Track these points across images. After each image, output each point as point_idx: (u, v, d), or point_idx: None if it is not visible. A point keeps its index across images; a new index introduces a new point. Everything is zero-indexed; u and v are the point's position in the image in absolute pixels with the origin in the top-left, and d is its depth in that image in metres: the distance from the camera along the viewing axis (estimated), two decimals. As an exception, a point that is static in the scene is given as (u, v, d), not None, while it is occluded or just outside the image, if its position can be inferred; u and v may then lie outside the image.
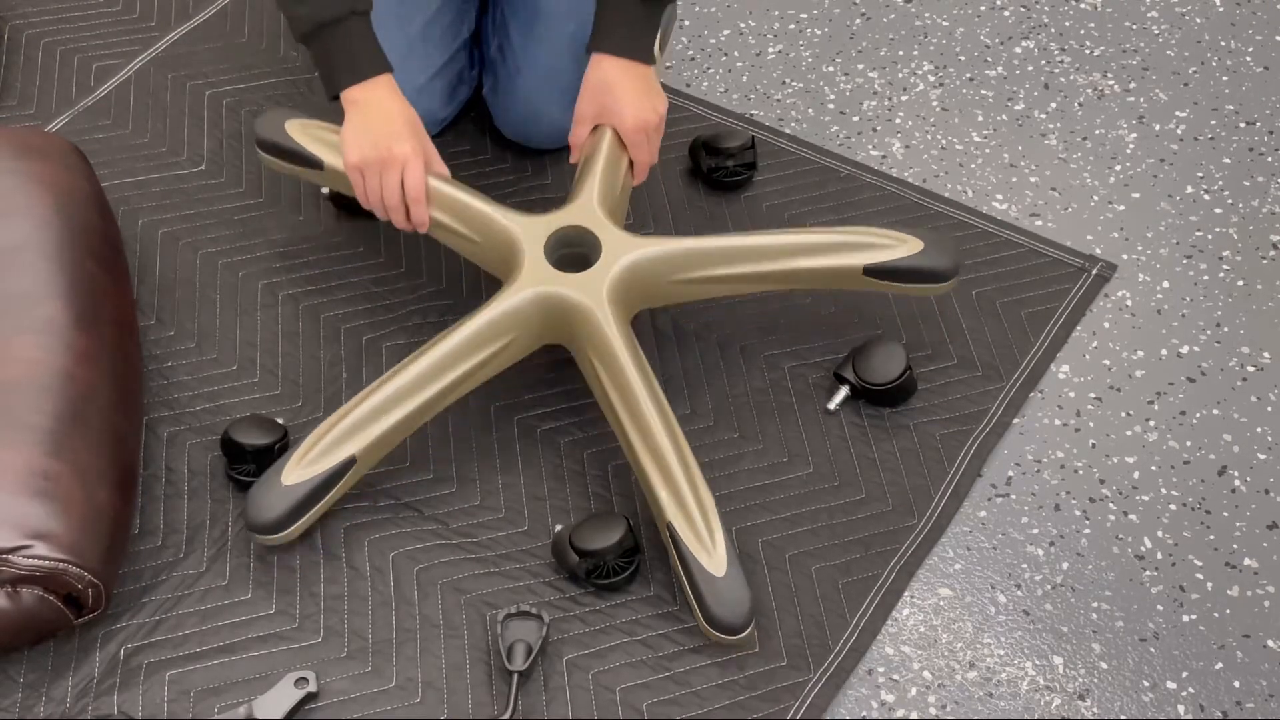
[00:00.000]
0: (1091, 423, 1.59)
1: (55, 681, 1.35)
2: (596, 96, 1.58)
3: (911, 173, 1.85)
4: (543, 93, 1.75)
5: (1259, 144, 1.89)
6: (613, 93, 1.57)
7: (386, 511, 1.48)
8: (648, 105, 1.58)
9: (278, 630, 1.39)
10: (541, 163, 1.83)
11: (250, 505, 1.38)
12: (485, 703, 1.34)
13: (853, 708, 1.36)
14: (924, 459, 1.54)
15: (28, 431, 1.35)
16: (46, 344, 1.42)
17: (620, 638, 1.39)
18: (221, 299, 1.67)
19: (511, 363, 1.49)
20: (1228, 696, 1.37)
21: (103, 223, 1.60)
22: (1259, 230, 1.79)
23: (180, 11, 2.03)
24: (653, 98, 1.59)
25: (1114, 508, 1.52)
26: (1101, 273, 1.72)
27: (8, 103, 1.90)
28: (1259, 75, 1.99)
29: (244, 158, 1.83)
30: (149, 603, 1.41)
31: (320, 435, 1.39)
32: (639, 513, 1.48)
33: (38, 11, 2.02)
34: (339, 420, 1.40)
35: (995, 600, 1.44)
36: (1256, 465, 1.55)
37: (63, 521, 1.31)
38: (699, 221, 1.77)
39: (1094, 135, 1.90)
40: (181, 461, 1.52)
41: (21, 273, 1.47)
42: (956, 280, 1.63)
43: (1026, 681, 1.38)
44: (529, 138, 1.81)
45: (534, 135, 1.80)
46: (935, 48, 2.03)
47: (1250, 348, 1.66)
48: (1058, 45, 2.03)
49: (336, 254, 1.72)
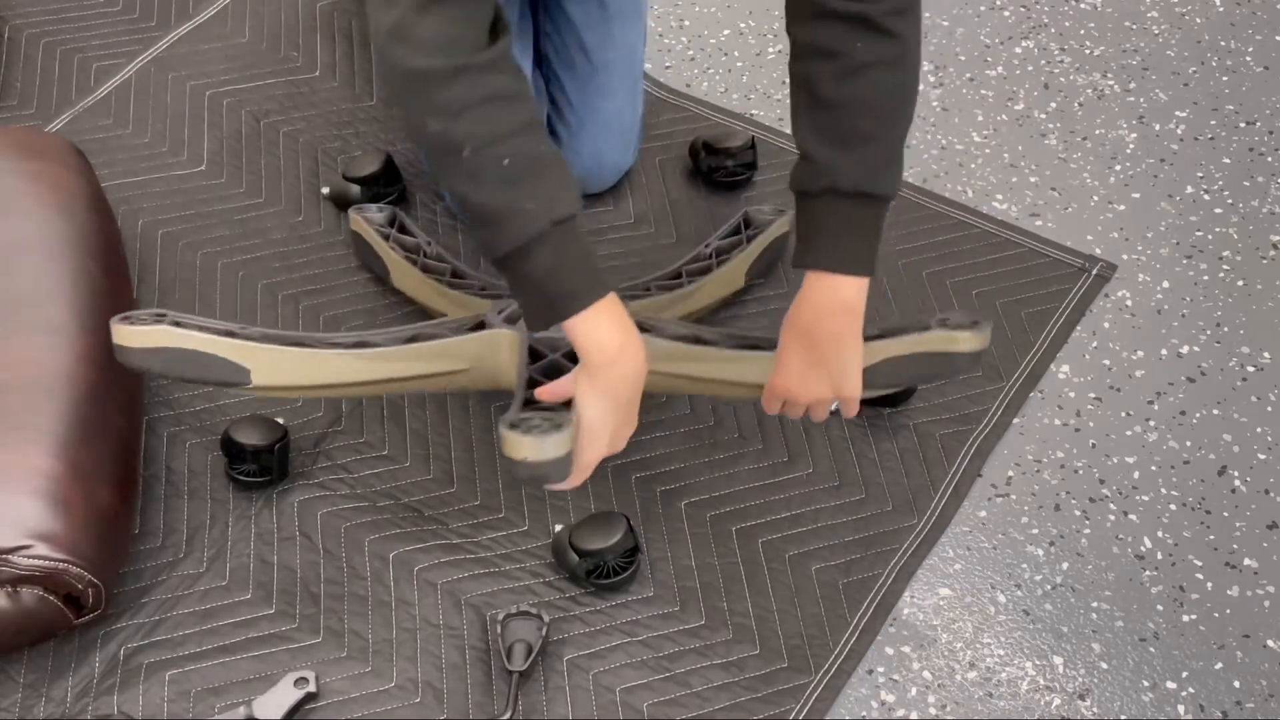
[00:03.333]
0: (1091, 423, 1.59)
1: (55, 681, 1.35)
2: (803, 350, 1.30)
3: (912, 173, 1.85)
4: (607, 140, 1.73)
5: (1259, 144, 1.89)
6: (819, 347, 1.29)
7: (386, 512, 1.48)
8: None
9: (277, 630, 1.39)
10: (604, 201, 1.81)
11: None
12: (485, 703, 1.34)
13: (852, 708, 1.36)
14: (924, 459, 1.54)
15: (28, 432, 1.35)
16: (47, 344, 1.42)
17: (620, 638, 1.39)
18: (221, 299, 1.67)
19: (460, 390, 1.41)
20: (1228, 696, 1.37)
21: (103, 223, 1.60)
22: (1259, 230, 1.79)
23: (180, 11, 2.03)
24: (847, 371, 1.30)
25: (1114, 508, 1.51)
26: (1101, 273, 1.72)
27: (8, 103, 1.90)
28: (1259, 75, 1.99)
29: (244, 158, 1.83)
30: (149, 603, 1.41)
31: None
32: (639, 513, 1.48)
33: (38, 11, 2.02)
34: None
35: (995, 600, 1.44)
36: (1256, 465, 1.55)
37: (63, 522, 1.31)
38: (699, 222, 1.77)
39: (1094, 135, 1.90)
40: (181, 461, 1.52)
41: (22, 273, 1.47)
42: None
43: (1026, 681, 1.38)
44: (588, 186, 1.77)
45: (594, 183, 1.77)
46: (935, 48, 2.03)
47: (1250, 348, 1.66)
48: (1058, 45, 2.03)
49: (336, 254, 1.72)
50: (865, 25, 1.21)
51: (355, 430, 1.55)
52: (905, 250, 1.74)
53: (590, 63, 1.70)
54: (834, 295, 1.26)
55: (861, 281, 1.26)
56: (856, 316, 1.26)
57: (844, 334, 1.27)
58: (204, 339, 1.34)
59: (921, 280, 1.71)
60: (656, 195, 1.80)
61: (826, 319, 1.27)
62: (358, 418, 1.56)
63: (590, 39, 1.69)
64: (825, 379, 1.28)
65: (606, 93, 1.72)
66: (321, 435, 1.54)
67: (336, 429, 1.55)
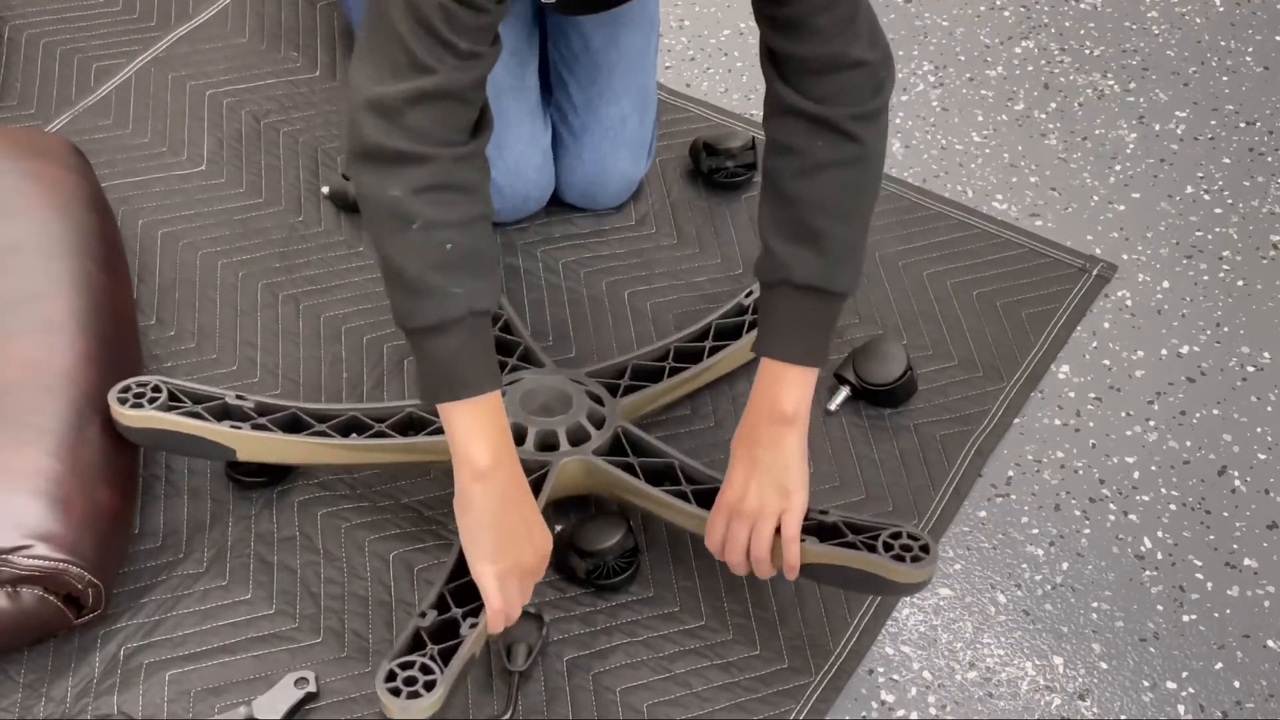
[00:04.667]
0: (1091, 423, 1.59)
1: (55, 681, 1.35)
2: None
3: (911, 173, 1.85)
4: (612, 148, 1.71)
5: (1259, 144, 1.89)
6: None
7: (386, 512, 1.48)
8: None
9: (277, 630, 1.39)
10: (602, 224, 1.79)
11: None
12: (485, 702, 1.34)
13: (852, 708, 1.36)
14: (924, 459, 1.54)
15: (28, 432, 1.35)
16: (47, 344, 1.42)
17: (621, 638, 1.39)
18: (221, 299, 1.67)
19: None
20: (1228, 696, 1.37)
21: (103, 223, 1.60)
22: (1259, 230, 1.79)
23: (180, 11, 2.03)
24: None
25: (1114, 508, 1.51)
26: (1102, 273, 1.72)
27: (8, 103, 1.90)
28: (1259, 75, 1.99)
29: (244, 158, 1.83)
30: (149, 603, 1.41)
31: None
32: (639, 514, 1.48)
33: (37, 11, 2.02)
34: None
35: (995, 600, 1.44)
36: (1256, 465, 1.55)
37: (63, 522, 1.31)
38: (699, 222, 1.77)
39: (1094, 135, 1.90)
40: (181, 461, 1.52)
41: (22, 273, 1.47)
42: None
43: (1026, 681, 1.38)
44: (595, 199, 1.75)
45: (601, 195, 1.75)
46: (935, 48, 2.03)
47: (1250, 347, 1.66)
48: (1058, 45, 2.03)
49: (336, 254, 1.72)
50: (827, 126, 1.25)
51: (355, 430, 1.55)
52: (905, 251, 1.74)
53: (595, 64, 1.69)
54: (774, 405, 1.29)
55: (802, 395, 1.28)
56: (794, 426, 1.29)
57: (784, 439, 1.29)
58: (191, 425, 1.40)
59: (921, 280, 1.71)
60: (657, 196, 1.80)
61: (767, 426, 1.29)
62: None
63: (596, 40, 1.68)
64: (770, 487, 1.29)
65: (611, 98, 1.70)
66: (321, 435, 1.54)
67: (336, 429, 1.55)
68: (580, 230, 1.76)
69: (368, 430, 1.43)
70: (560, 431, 1.42)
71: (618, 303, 1.68)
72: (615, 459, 1.42)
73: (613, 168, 1.72)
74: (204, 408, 1.42)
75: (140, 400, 1.40)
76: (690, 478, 1.41)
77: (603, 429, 1.43)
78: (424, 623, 1.26)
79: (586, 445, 1.42)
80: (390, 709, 1.21)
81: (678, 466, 1.41)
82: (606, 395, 1.47)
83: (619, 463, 1.42)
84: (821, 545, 1.30)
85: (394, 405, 1.46)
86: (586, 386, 1.48)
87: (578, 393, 1.46)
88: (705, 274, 1.71)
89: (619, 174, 1.73)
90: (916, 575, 1.27)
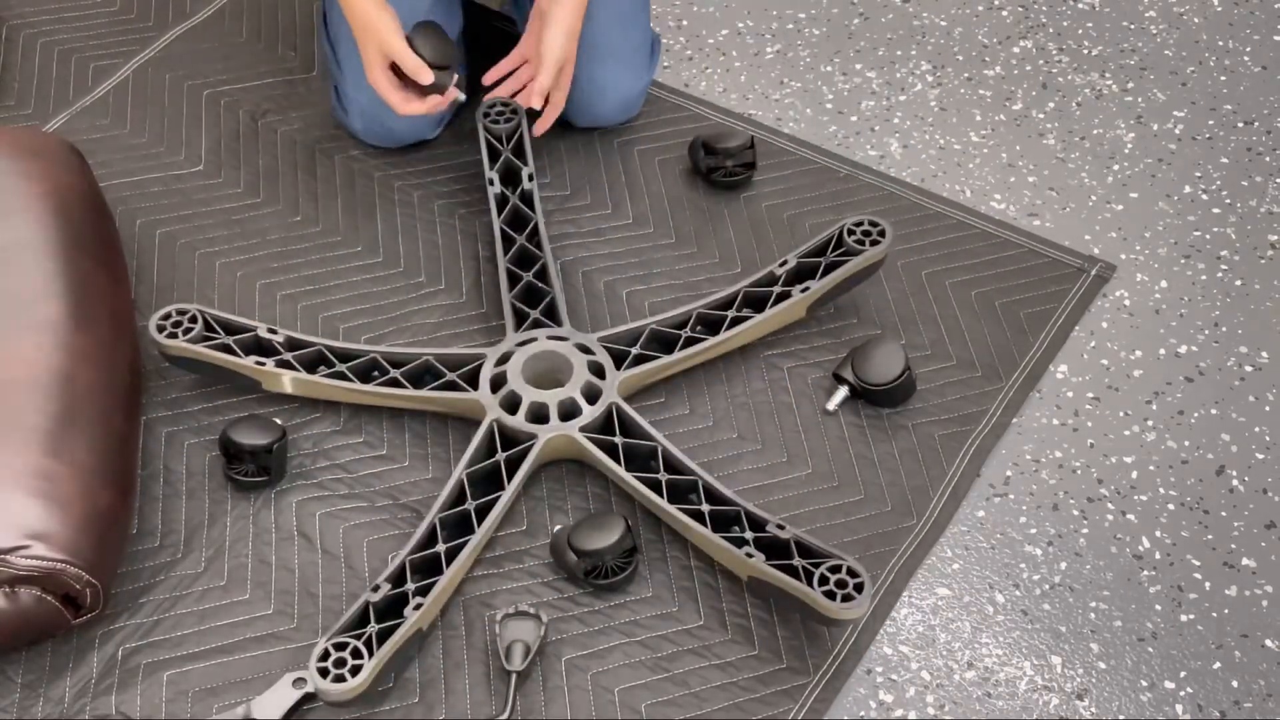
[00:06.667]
0: (1090, 422, 1.59)
1: (53, 681, 1.35)
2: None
3: (910, 172, 1.85)
4: (601, 65, 1.73)
5: (1257, 144, 1.89)
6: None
7: (385, 512, 1.48)
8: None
9: (276, 630, 1.39)
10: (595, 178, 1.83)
11: None
12: (484, 703, 1.34)
13: (850, 707, 1.36)
14: (923, 459, 1.54)
15: (26, 431, 1.35)
16: (45, 344, 1.41)
17: (619, 638, 1.39)
18: (220, 299, 1.67)
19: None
20: (1226, 696, 1.37)
21: (101, 222, 1.60)
22: (1257, 230, 1.79)
23: (178, 11, 2.03)
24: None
25: (1112, 507, 1.52)
26: (1100, 273, 1.72)
27: (5, 103, 1.90)
28: (1257, 75, 1.99)
29: (242, 158, 1.83)
30: (147, 603, 1.41)
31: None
32: (637, 513, 1.48)
33: (36, 11, 2.02)
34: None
35: (993, 600, 1.44)
36: (1255, 465, 1.55)
37: (61, 521, 1.31)
38: (698, 221, 1.77)
39: (1092, 135, 1.90)
40: (180, 462, 1.52)
41: (19, 273, 1.47)
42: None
43: (1025, 681, 1.38)
44: (599, 116, 1.79)
45: (603, 111, 1.79)
46: (933, 47, 2.03)
47: (1248, 347, 1.66)
48: (1056, 45, 2.03)
49: (336, 254, 1.72)
50: None
51: (354, 430, 1.55)
52: (904, 251, 1.74)
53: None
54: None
55: None
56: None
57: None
58: (221, 359, 1.51)
59: (920, 280, 1.71)
60: (655, 195, 1.80)
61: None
62: (357, 418, 1.56)
63: None
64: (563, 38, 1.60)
65: (590, 17, 1.69)
66: (320, 435, 1.54)
67: (335, 429, 1.55)
68: (579, 229, 1.76)
69: (384, 375, 1.52)
70: (552, 405, 1.47)
71: (615, 301, 1.68)
72: (600, 438, 1.47)
73: (608, 84, 1.74)
74: (235, 340, 1.52)
75: (176, 331, 1.51)
76: (669, 465, 1.45)
77: (596, 404, 1.48)
78: (374, 597, 1.31)
79: (575, 421, 1.47)
80: (321, 690, 1.25)
81: (660, 451, 1.45)
82: (610, 367, 1.52)
83: (603, 442, 1.46)
84: (764, 565, 1.35)
85: (414, 352, 1.54)
86: (592, 356, 1.52)
87: (580, 364, 1.51)
88: (703, 273, 1.71)
89: (616, 91, 1.76)
90: (844, 614, 1.31)
